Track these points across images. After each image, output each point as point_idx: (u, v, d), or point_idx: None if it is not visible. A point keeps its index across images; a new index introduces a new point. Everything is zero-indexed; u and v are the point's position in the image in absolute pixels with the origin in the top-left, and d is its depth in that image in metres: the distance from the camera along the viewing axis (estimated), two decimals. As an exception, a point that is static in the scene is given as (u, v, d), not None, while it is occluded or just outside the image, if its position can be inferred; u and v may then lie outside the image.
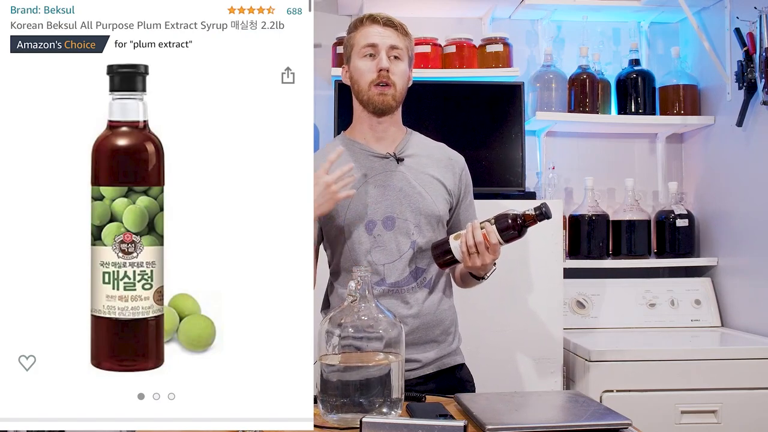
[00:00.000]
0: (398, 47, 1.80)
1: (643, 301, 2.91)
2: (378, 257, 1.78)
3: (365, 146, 1.85)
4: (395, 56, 1.79)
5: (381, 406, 1.41)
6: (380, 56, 1.78)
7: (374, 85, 1.79)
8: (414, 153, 1.86)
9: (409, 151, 1.86)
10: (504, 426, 1.34)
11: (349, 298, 1.49)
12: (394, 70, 1.79)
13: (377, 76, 1.78)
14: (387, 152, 1.83)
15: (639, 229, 2.99)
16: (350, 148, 1.84)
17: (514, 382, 2.55)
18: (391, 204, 1.80)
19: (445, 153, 1.94)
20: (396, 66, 1.79)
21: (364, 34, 1.81)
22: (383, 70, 1.77)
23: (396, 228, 1.79)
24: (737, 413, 2.39)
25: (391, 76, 1.78)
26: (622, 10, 3.08)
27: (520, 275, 2.59)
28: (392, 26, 1.80)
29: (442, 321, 1.84)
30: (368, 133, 1.85)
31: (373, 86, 1.79)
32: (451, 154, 1.94)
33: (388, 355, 1.46)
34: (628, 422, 1.36)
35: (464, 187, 1.93)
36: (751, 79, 2.65)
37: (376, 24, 1.80)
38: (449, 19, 3.18)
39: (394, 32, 1.80)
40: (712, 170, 3.01)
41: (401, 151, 1.85)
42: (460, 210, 1.92)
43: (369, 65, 1.79)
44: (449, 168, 1.89)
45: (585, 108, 2.99)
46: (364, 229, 1.78)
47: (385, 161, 1.83)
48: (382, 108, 1.80)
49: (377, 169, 1.82)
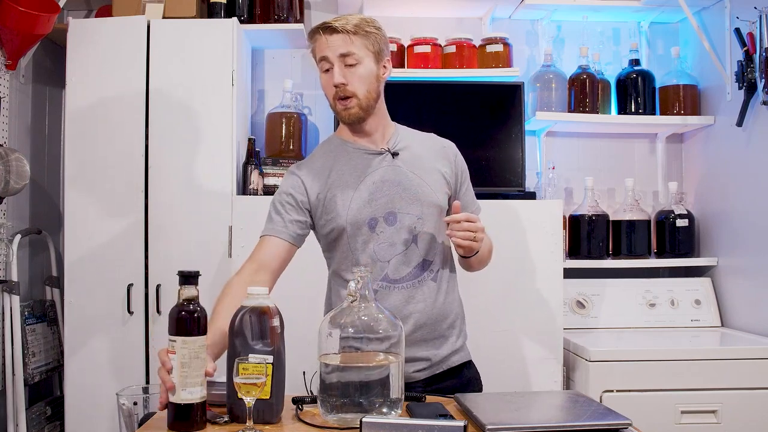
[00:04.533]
0: (350, 53, 1.72)
1: (643, 301, 2.91)
2: (382, 254, 1.77)
3: (357, 145, 1.83)
4: (348, 63, 1.73)
5: (381, 406, 1.41)
6: (333, 69, 1.73)
7: (336, 99, 1.76)
8: (407, 145, 1.85)
9: (402, 144, 1.85)
10: (504, 426, 1.34)
11: (349, 298, 1.49)
12: (351, 79, 1.73)
13: (335, 92, 1.75)
14: (381, 148, 1.82)
15: (639, 229, 2.99)
16: (343, 149, 1.84)
17: (515, 382, 2.55)
18: (392, 199, 1.78)
19: (437, 142, 1.93)
20: (352, 73, 1.73)
21: (317, 46, 1.77)
22: (337, 85, 1.74)
23: (398, 223, 1.78)
24: (737, 413, 2.39)
25: (348, 88, 1.73)
26: (622, 10, 3.08)
27: (520, 275, 2.59)
28: (336, 32, 1.72)
29: (449, 314, 1.83)
30: (355, 134, 1.84)
31: (336, 100, 1.77)
32: (443, 142, 1.93)
33: (388, 355, 1.46)
34: (628, 422, 1.36)
35: (460, 172, 1.91)
36: (751, 79, 2.65)
37: (324, 33, 1.73)
38: (449, 19, 3.19)
39: (341, 36, 1.72)
40: (712, 170, 3.01)
41: (395, 145, 1.84)
42: (463, 193, 1.91)
43: (327, 80, 1.76)
44: (444, 156, 1.88)
45: (585, 108, 2.99)
46: (366, 227, 1.77)
47: (380, 157, 1.82)
48: (352, 121, 1.79)
49: (374, 165, 1.81)
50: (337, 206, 1.77)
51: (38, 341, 2.83)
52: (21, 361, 2.66)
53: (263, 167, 2.79)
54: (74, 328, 2.67)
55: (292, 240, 1.77)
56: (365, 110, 1.77)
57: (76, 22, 2.75)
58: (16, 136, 2.84)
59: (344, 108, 1.76)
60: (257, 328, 1.42)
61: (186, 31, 2.74)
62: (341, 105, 1.76)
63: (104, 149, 2.70)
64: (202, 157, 2.71)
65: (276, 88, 3.13)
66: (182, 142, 2.71)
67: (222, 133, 2.72)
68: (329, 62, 1.73)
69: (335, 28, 1.72)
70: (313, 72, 3.19)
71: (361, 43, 1.73)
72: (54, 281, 3.00)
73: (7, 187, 2.59)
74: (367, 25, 1.75)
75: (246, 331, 1.42)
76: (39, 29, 2.65)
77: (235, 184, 2.72)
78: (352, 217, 1.77)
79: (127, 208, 2.69)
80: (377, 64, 1.77)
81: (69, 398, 2.66)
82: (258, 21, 2.93)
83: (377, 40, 1.76)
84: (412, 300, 1.77)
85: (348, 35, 1.72)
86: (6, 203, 2.71)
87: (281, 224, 1.77)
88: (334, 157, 1.83)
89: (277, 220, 1.78)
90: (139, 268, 2.68)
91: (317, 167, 1.83)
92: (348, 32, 1.72)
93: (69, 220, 2.70)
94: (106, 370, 2.65)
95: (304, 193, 1.80)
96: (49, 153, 3.11)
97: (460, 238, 1.68)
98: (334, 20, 1.74)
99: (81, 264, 2.68)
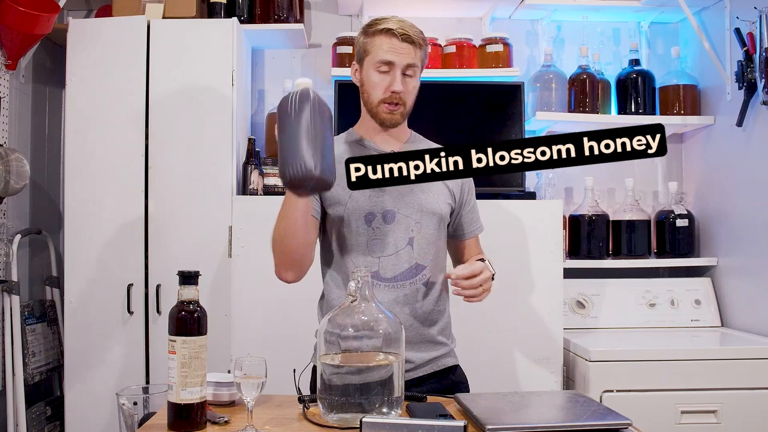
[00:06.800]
0: (414, 65, 1.77)
1: (643, 301, 2.91)
2: (375, 249, 1.78)
3: (370, 143, 1.85)
4: (409, 75, 1.78)
5: (381, 406, 1.41)
6: (395, 76, 1.76)
7: (385, 103, 1.79)
8: None
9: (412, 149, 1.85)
10: (504, 426, 1.34)
11: (349, 298, 1.49)
12: (406, 88, 1.78)
13: (389, 96, 1.78)
14: (391, 150, 1.83)
15: (639, 229, 2.99)
16: (358, 144, 1.86)
17: (514, 382, 2.55)
18: (393, 199, 1.79)
19: None
20: (408, 84, 1.78)
21: (380, 45, 1.77)
22: (396, 93, 1.77)
23: (396, 222, 1.78)
24: (737, 413, 2.39)
25: (402, 96, 1.78)
26: (622, 10, 3.08)
27: (520, 275, 2.59)
28: (410, 41, 1.76)
29: (437, 320, 1.84)
30: (374, 133, 1.86)
31: (383, 104, 1.79)
32: None
33: (388, 355, 1.46)
34: (628, 422, 1.36)
35: (468, 189, 1.93)
36: (751, 79, 2.65)
37: (394, 38, 1.75)
38: (449, 19, 3.19)
39: (411, 48, 1.76)
40: (712, 170, 3.01)
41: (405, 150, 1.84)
42: (463, 213, 1.92)
43: (382, 81, 1.78)
44: None
45: (585, 108, 2.99)
46: (363, 220, 1.78)
47: None
48: (390, 124, 1.82)
49: None
50: (339, 195, 1.77)
51: (38, 341, 2.83)
52: (21, 361, 2.66)
53: (263, 167, 2.79)
54: (74, 328, 2.67)
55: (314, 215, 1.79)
56: (405, 117, 1.84)
57: (76, 22, 2.75)
58: (16, 136, 2.84)
59: (390, 112, 1.79)
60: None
61: (186, 31, 2.74)
62: (388, 108, 1.79)
63: (104, 149, 2.70)
64: (202, 157, 2.71)
65: (276, 88, 3.13)
66: (182, 142, 2.71)
67: (222, 133, 2.72)
68: (392, 68, 1.76)
69: (410, 36, 1.76)
70: (314, 72, 3.21)
71: (421, 57, 1.80)
72: (54, 281, 3.00)
73: (7, 187, 2.59)
74: (424, 39, 1.81)
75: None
76: (39, 29, 2.65)
77: (235, 184, 2.72)
78: (352, 207, 1.78)
79: (127, 208, 2.69)
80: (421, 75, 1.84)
81: (69, 398, 2.66)
82: (258, 21, 2.93)
83: (427, 54, 1.85)
84: (399, 301, 1.77)
85: (415, 46, 1.77)
86: (6, 203, 2.71)
87: None
88: (345, 151, 1.85)
89: None
90: (139, 268, 2.68)
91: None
92: (416, 44, 1.77)
93: (69, 220, 2.70)
94: (106, 370, 2.65)
95: None
96: (49, 153, 3.11)
97: (470, 296, 1.69)
98: (406, 27, 1.77)
99: (81, 264, 2.68)
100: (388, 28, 1.76)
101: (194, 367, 1.38)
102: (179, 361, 1.38)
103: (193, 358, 1.38)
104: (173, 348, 1.38)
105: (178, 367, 1.37)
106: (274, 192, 2.75)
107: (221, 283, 2.61)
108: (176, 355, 1.38)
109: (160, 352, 2.60)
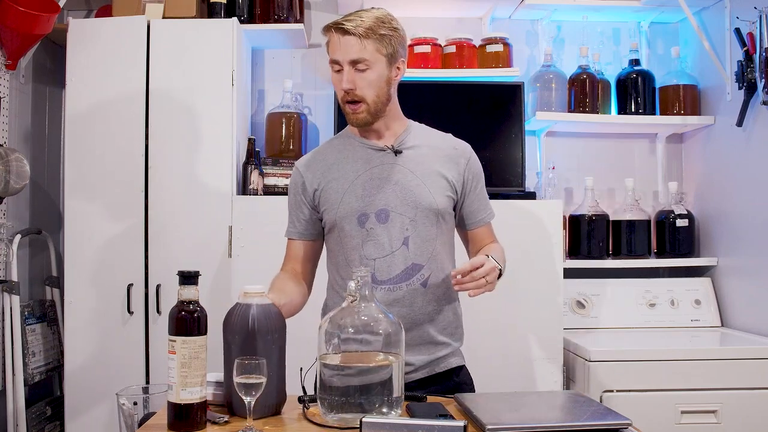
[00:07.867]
0: (361, 59, 1.68)
1: (643, 301, 2.91)
2: (370, 251, 1.74)
3: (363, 140, 1.81)
4: (361, 69, 1.69)
5: (381, 406, 1.41)
6: (343, 73, 1.69)
7: (346, 102, 1.74)
8: (415, 144, 1.82)
9: (409, 143, 1.81)
10: (504, 426, 1.34)
11: (349, 299, 1.49)
12: (360, 84, 1.70)
13: (344, 95, 1.73)
14: (385, 145, 1.80)
15: (639, 229, 2.99)
16: (350, 143, 1.83)
17: (515, 382, 2.54)
18: (387, 197, 1.75)
19: (450, 143, 1.87)
20: (362, 78, 1.69)
21: (330, 45, 1.73)
22: (346, 91, 1.71)
23: (390, 221, 1.74)
24: (737, 413, 2.39)
25: (357, 92, 1.70)
26: (622, 10, 3.08)
27: (520, 275, 2.59)
28: (351, 34, 1.67)
29: (439, 320, 1.80)
30: (365, 130, 1.81)
31: (345, 104, 1.75)
32: (455, 143, 1.88)
33: (388, 355, 1.46)
34: (628, 422, 1.36)
35: (472, 176, 1.84)
36: (751, 79, 2.65)
37: (337, 32, 1.68)
38: (449, 19, 3.19)
39: (356, 40, 1.66)
40: (712, 170, 3.01)
41: (400, 144, 1.80)
42: (469, 202, 1.85)
43: (338, 82, 1.73)
44: (452, 159, 1.83)
45: (585, 108, 2.99)
46: (356, 222, 1.75)
47: (382, 153, 1.79)
48: (357, 125, 1.78)
49: (374, 161, 1.79)
50: (330, 199, 1.76)
51: (38, 341, 2.83)
52: (21, 361, 2.66)
53: (263, 167, 2.79)
54: (74, 328, 2.67)
55: (307, 238, 1.83)
56: (374, 114, 1.75)
57: (76, 22, 2.75)
58: (16, 136, 2.84)
59: (353, 112, 1.74)
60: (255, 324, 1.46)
61: (186, 31, 2.74)
62: (350, 108, 1.74)
63: (104, 149, 2.70)
64: (202, 157, 2.71)
65: (276, 88, 3.13)
66: (182, 142, 2.71)
67: (222, 133, 2.72)
68: (339, 65, 1.71)
69: (347, 29, 1.67)
70: (313, 72, 3.21)
71: (374, 47, 1.68)
72: (54, 281, 3.00)
73: (7, 187, 2.59)
74: (381, 27, 1.69)
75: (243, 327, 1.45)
76: (39, 29, 2.65)
77: (235, 184, 2.72)
78: (343, 210, 1.75)
79: (127, 208, 2.69)
80: (390, 66, 1.73)
81: (69, 398, 2.66)
82: (258, 21, 2.93)
83: (391, 42, 1.71)
84: (396, 303, 1.73)
85: (360, 39, 1.67)
86: (6, 203, 2.71)
87: (292, 225, 1.85)
88: (339, 151, 1.83)
89: (291, 220, 1.85)
90: (139, 268, 2.68)
91: (319, 160, 1.84)
92: (360, 36, 1.67)
93: (69, 220, 2.70)
94: (106, 370, 2.65)
95: (304, 190, 1.82)
96: (49, 153, 3.10)
97: (473, 289, 1.64)
98: (348, 19, 1.69)
99: (81, 264, 2.68)
100: (328, 25, 1.72)
101: (194, 367, 1.38)
102: (179, 361, 1.38)
103: (193, 358, 1.38)
104: (173, 348, 1.38)
105: (178, 367, 1.37)
106: (274, 192, 2.76)
107: (221, 283, 2.60)
108: (176, 355, 1.38)
109: (160, 352, 2.60)
